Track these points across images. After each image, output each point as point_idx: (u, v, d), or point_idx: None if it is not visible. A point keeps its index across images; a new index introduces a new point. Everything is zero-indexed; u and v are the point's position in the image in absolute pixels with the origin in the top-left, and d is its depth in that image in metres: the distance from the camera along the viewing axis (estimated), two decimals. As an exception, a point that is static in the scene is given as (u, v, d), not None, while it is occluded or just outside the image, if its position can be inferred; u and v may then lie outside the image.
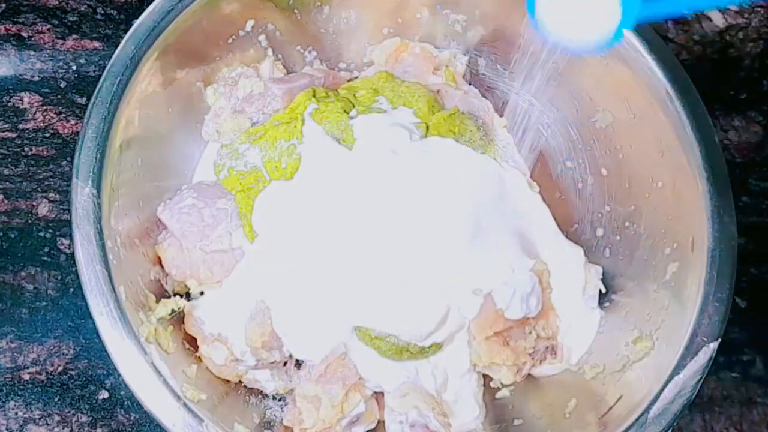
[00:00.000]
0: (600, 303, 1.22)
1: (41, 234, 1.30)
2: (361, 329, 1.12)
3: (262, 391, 1.17)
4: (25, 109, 1.34)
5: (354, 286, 1.11)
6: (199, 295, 1.18)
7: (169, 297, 1.15)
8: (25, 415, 1.22)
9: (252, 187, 1.17)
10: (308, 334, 1.12)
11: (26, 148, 1.33)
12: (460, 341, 1.16)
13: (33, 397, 1.23)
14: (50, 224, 1.30)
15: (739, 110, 1.47)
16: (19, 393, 1.23)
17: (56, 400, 1.23)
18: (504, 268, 1.14)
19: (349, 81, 1.32)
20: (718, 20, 1.49)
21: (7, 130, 1.33)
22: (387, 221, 1.12)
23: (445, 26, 1.32)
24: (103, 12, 1.40)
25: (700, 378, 1.04)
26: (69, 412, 1.23)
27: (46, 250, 1.29)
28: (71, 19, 1.39)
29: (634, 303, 1.19)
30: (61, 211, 1.31)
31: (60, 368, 1.24)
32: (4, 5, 1.39)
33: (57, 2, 1.39)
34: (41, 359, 1.24)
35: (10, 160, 1.32)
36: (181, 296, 1.16)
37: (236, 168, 1.19)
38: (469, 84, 1.34)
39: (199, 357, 1.14)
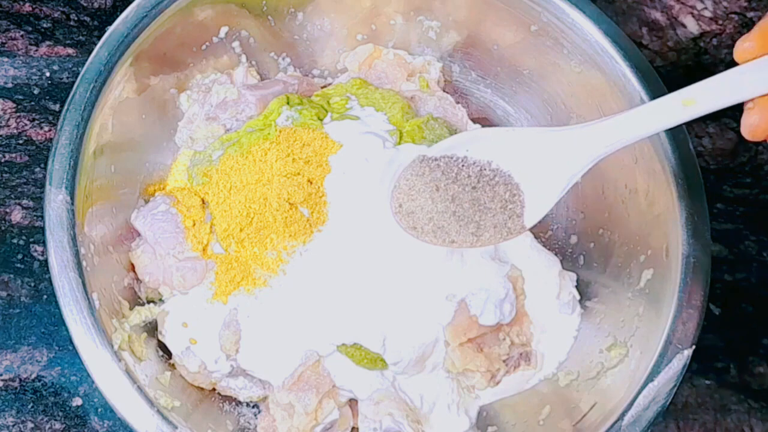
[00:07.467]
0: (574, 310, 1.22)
1: (14, 241, 1.29)
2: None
3: (235, 399, 1.17)
4: (-2, 115, 1.33)
5: (328, 299, 1.10)
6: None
7: (143, 304, 1.15)
8: (-2, 423, 1.22)
9: (225, 194, 1.17)
10: (275, 352, 1.11)
11: (-1, 155, 1.32)
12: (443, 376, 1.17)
13: (6, 404, 1.22)
14: (24, 231, 1.29)
15: (713, 117, 1.46)
16: (-8, 401, 1.22)
17: (29, 407, 1.22)
18: (478, 274, 1.14)
19: (323, 87, 1.32)
20: (693, 27, 1.50)
21: (-20, 137, 1.32)
22: (360, 230, 1.11)
23: (419, 33, 1.32)
24: (76, 18, 1.39)
25: (675, 385, 1.05)
26: (42, 419, 1.22)
27: (20, 257, 1.28)
28: (45, 25, 1.38)
29: (608, 310, 1.19)
30: (35, 218, 1.30)
31: (33, 375, 1.23)
32: (-24, 11, 1.38)
33: (30, 8, 1.39)
34: (14, 366, 1.24)
35: (-17, 167, 1.31)
36: (155, 303, 1.16)
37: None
38: (443, 91, 1.34)
39: (173, 364, 1.13)
